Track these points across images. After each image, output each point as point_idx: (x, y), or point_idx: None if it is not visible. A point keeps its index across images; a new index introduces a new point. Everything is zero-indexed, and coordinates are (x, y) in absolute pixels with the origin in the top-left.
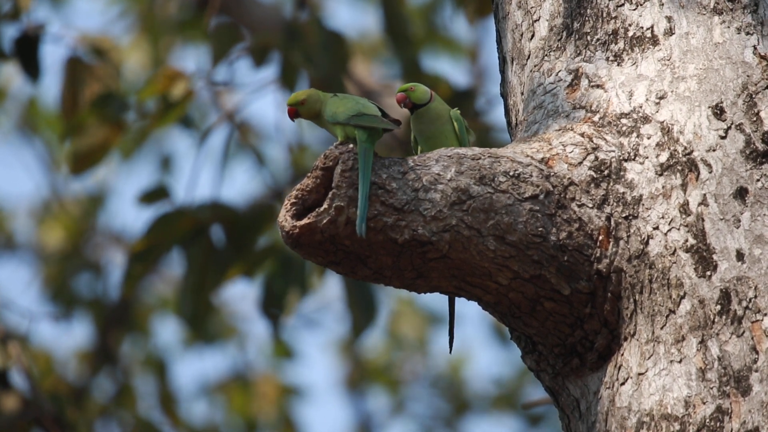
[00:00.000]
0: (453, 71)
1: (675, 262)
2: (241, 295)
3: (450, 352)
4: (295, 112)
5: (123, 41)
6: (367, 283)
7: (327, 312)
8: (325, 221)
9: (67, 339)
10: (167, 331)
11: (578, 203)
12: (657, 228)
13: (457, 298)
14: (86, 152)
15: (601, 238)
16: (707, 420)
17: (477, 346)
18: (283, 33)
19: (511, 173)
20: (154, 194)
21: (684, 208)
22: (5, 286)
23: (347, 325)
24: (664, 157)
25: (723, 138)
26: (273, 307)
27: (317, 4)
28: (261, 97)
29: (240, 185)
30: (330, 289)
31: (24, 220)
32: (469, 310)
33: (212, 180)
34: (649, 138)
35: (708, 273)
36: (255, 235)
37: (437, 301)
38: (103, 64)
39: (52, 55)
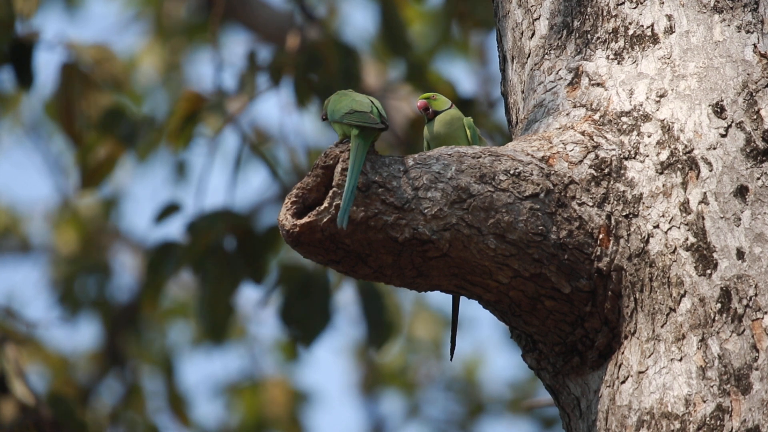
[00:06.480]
0: (461, 75)
1: (675, 261)
2: (251, 296)
3: (451, 359)
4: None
5: (136, 45)
6: (381, 297)
7: (341, 315)
8: (325, 220)
9: (78, 340)
10: (176, 332)
11: (579, 202)
12: (657, 226)
13: (460, 307)
14: (95, 167)
15: (601, 236)
16: (707, 418)
17: (491, 349)
18: (301, 56)
19: (511, 171)
20: (167, 211)
21: (684, 207)
22: (20, 289)
23: (362, 331)
24: (664, 155)
25: (723, 136)
26: (294, 325)
27: (321, 7)
28: (269, 99)
29: (251, 188)
30: (344, 292)
31: (39, 223)
32: (482, 313)
33: (225, 186)
34: (649, 136)
35: (708, 271)
36: (269, 248)
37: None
38: (100, 72)
39: (50, 63)
